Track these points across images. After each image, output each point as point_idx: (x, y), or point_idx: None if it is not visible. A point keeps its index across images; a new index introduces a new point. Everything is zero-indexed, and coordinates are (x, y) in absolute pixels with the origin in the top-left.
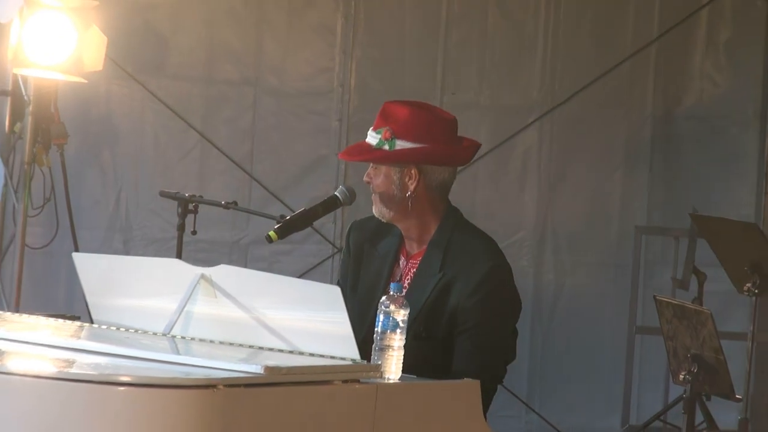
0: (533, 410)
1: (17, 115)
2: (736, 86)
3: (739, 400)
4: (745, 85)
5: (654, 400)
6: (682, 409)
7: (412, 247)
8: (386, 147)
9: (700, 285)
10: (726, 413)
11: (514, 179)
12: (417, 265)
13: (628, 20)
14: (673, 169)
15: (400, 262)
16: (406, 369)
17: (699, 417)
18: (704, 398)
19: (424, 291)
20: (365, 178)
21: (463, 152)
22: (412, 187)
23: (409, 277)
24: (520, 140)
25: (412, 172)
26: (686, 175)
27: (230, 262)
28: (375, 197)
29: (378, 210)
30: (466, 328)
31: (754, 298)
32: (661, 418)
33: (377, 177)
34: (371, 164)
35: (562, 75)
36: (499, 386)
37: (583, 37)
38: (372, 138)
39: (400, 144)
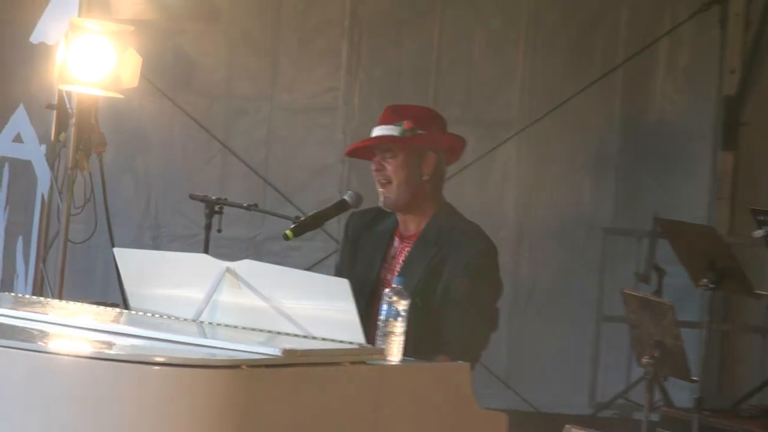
0: (510, 388)
1: (62, 126)
2: (693, 105)
3: (695, 382)
4: (701, 104)
5: (617, 380)
6: (643, 388)
7: (408, 230)
8: (408, 134)
9: (660, 279)
10: (680, 393)
11: (495, 186)
12: (411, 245)
13: (597, 47)
14: (636, 177)
15: (395, 243)
16: (410, 332)
17: (657, 396)
18: (662, 379)
19: (419, 267)
20: (377, 164)
21: (461, 141)
22: (429, 172)
23: (403, 255)
24: (501, 152)
25: (429, 157)
26: (648, 183)
27: (246, 257)
28: (389, 186)
29: (393, 197)
30: (455, 298)
31: (709, 291)
32: (624, 396)
33: (394, 164)
34: (386, 153)
35: (538, 95)
36: (479, 366)
37: (557, 61)
38: (391, 130)
39: (421, 133)
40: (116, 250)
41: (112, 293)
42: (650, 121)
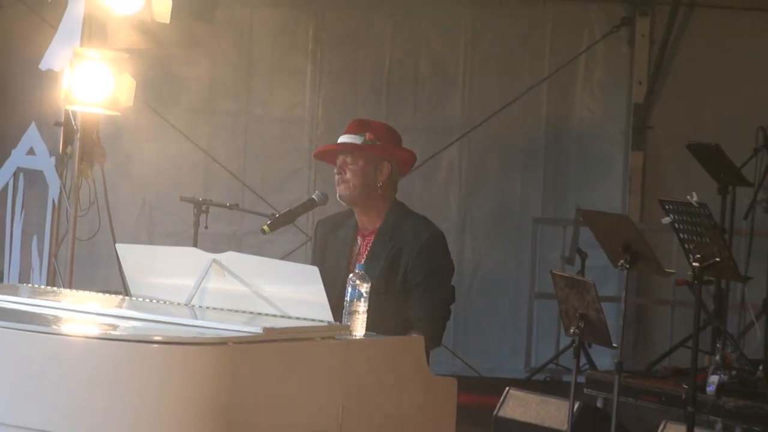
0: (458, 357)
1: (68, 140)
2: (607, 113)
3: (614, 348)
4: (614, 112)
5: (548, 348)
6: (571, 355)
7: (366, 228)
8: (368, 143)
9: (583, 261)
10: (602, 358)
11: (441, 184)
12: (372, 241)
13: (526, 64)
14: (560, 175)
15: (358, 241)
16: (372, 318)
17: (582, 360)
18: (587, 346)
19: (380, 258)
20: (339, 168)
21: (412, 157)
22: (382, 179)
23: (366, 249)
24: (445, 155)
25: (385, 166)
26: (570, 179)
27: (229, 250)
28: (346, 184)
29: (347, 194)
30: (418, 281)
31: (625, 271)
32: (554, 361)
33: (354, 167)
34: (348, 158)
35: (476, 105)
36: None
37: (492, 76)
38: (354, 139)
39: (379, 144)
40: (118, 246)
41: (114, 283)
42: (571, 127)
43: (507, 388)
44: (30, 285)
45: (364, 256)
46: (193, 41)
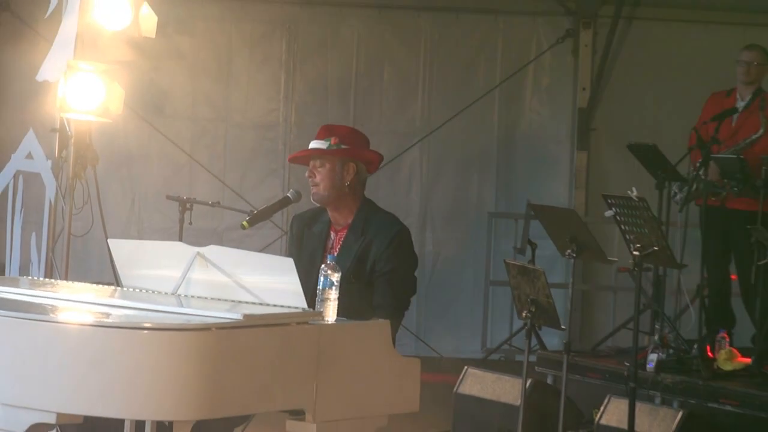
0: (421, 339)
1: (63, 145)
2: (554, 116)
3: (563, 330)
4: (560, 116)
5: (502, 330)
6: (523, 336)
7: (339, 224)
8: (334, 147)
9: (533, 251)
10: (551, 339)
11: (403, 182)
12: (344, 236)
13: (480, 72)
14: (512, 173)
15: (331, 236)
16: (344, 304)
17: (533, 342)
18: (537, 329)
19: (351, 251)
20: (309, 172)
21: (378, 157)
22: (349, 179)
23: (339, 243)
24: (407, 156)
25: (351, 167)
26: (521, 177)
27: (212, 244)
28: (317, 187)
29: (319, 195)
30: (384, 272)
31: (572, 260)
32: (508, 342)
33: (323, 170)
34: (317, 162)
35: (436, 110)
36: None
37: (449, 84)
38: (321, 144)
39: (344, 147)
40: (110, 241)
41: (106, 275)
42: (522, 129)
43: (465, 367)
44: (29, 277)
45: (337, 249)
46: (177, 54)
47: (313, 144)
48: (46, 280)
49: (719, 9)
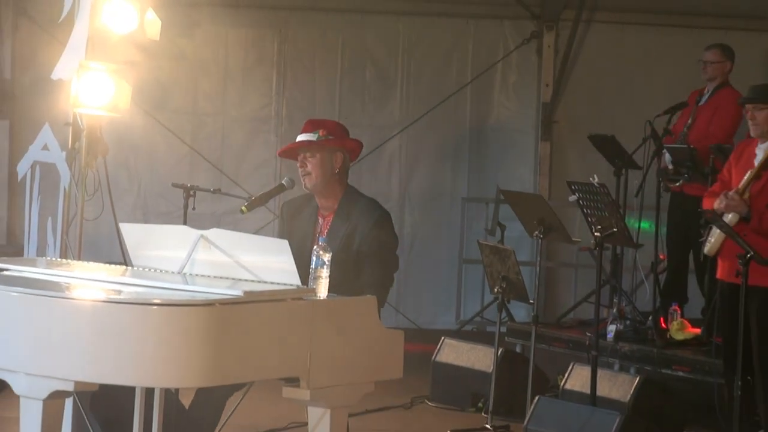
0: (400, 312)
1: (76, 137)
2: (520, 110)
3: (531, 303)
4: (525, 109)
5: (474, 304)
6: (493, 309)
7: (326, 209)
8: (322, 138)
9: (502, 232)
10: (519, 311)
11: (384, 170)
12: (331, 220)
13: (453, 70)
14: (483, 161)
15: (319, 221)
16: (333, 282)
17: (504, 314)
18: (507, 302)
19: (338, 234)
20: (301, 162)
21: (360, 145)
22: (338, 167)
23: (326, 228)
24: (388, 146)
25: (338, 156)
26: (491, 165)
27: (212, 227)
28: (309, 176)
29: (312, 183)
30: (369, 253)
31: (539, 240)
32: (480, 315)
33: (314, 160)
34: (308, 153)
35: (413, 105)
36: None
37: (425, 81)
38: (310, 136)
39: (331, 138)
40: (121, 225)
41: (116, 255)
42: (491, 122)
43: (442, 337)
44: (47, 258)
45: (325, 232)
46: (179, 55)
47: (302, 137)
48: (62, 260)
49: (670, 13)
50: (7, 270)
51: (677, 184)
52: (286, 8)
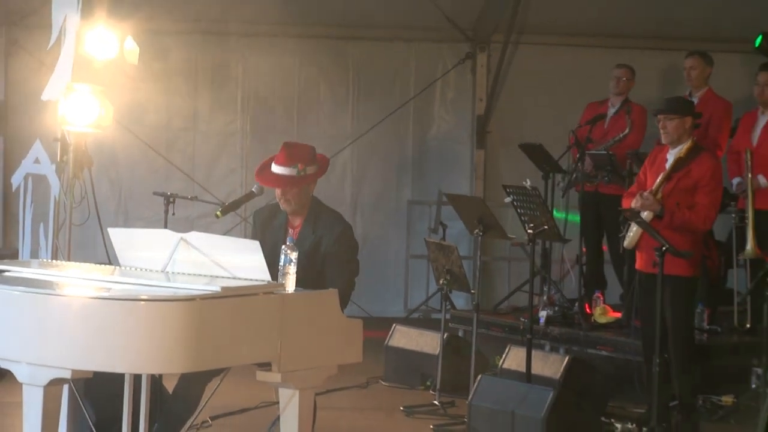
0: (354, 302)
1: (64, 151)
2: (458, 122)
3: (472, 293)
4: (462, 122)
5: (420, 294)
6: (437, 298)
7: (295, 221)
8: (302, 174)
9: (444, 231)
10: (459, 300)
11: (337, 177)
12: (299, 230)
13: (397, 87)
14: (426, 168)
15: (289, 231)
16: (300, 280)
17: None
18: (450, 292)
19: (305, 243)
20: (281, 194)
21: (328, 161)
22: (312, 191)
23: (295, 236)
24: (340, 156)
25: (313, 184)
26: (433, 171)
27: (186, 230)
28: (288, 204)
29: (291, 209)
30: (334, 263)
31: (479, 237)
32: (426, 304)
33: (293, 194)
34: (286, 189)
35: (363, 118)
36: None
37: (373, 98)
38: (289, 170)
39: (309, 169)
40: (110, 229)
41: (100, 257)
42: (432, 133)
43: (393, 324)
44: (40, 259)
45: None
46: (154, 77)
47: (281, 170)
48: (54, 261)
49: (587, 35)
50: (8, 271)
51: (593, 184)
52: (248, 35)
